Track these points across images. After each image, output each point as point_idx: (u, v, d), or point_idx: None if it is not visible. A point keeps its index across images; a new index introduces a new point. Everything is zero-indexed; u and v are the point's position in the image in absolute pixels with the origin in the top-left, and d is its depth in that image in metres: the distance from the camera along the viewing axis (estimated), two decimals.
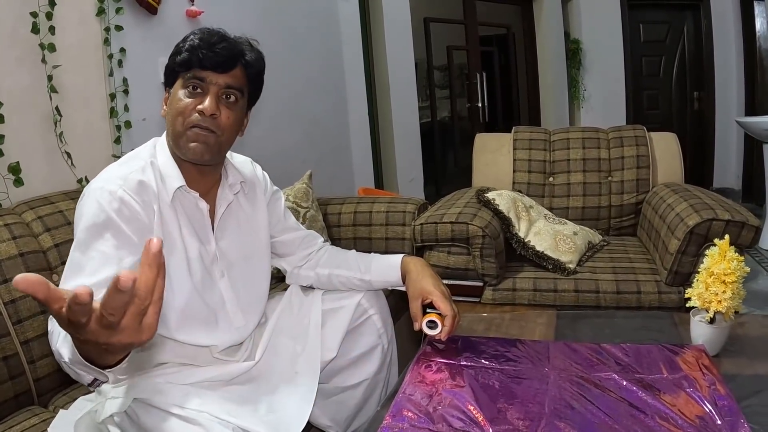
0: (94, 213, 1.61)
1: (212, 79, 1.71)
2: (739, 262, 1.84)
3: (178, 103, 1.72)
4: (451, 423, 1.58)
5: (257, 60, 1.83)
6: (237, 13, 3.63)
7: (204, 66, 1.69)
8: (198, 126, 1.70)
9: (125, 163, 1.78)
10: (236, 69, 1.75)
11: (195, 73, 1.70)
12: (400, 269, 2.09)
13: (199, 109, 1.69)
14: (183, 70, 1.72)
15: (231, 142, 1.82)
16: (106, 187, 1.65)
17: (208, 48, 1.69)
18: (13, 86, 2.46)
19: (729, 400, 1.59)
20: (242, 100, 1.81)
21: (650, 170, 3.58)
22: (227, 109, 1.74)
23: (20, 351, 2.03)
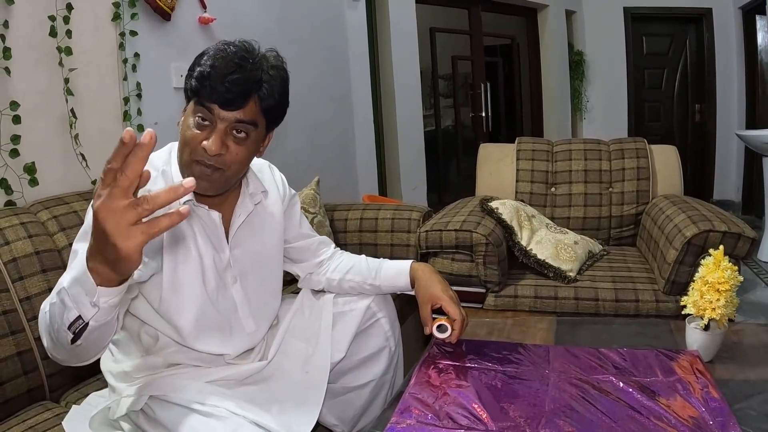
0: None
1: (219, 113, 1.60)
2: (732, 271, 1.90)
3: (186, 131, 1.64)
4: (456, 420, 1.63)
5: (275, 89, 1.69)
6: (248, 21, 3.67)
7: (212, 100, 1.58)
8: (202, 163, 1.62)
9: None
10: (248, 104, 1.63)
11: (204, 102, 1.59)
12: (409, 275, 2.13)
13: (204, 146, 1.60)
14: (193, 96, 1.63)
15: (239, 173, 1.75)
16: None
17: (217, 80, 1.57)
18: (31, 88, 2.51)
19: (721, 402, 1.64)
20: (256, 131, 1.68)
21: (650, 182, 3.63)
22: (236, 145, 1.64)
23: (34, 347, 2.08)
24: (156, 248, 1.69)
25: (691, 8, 8.08)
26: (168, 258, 1.72)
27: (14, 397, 2.02)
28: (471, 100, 7.18)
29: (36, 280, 2.11)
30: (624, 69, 8.33)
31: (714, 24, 7.99)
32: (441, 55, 6.71)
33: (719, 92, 8.04)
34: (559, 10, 7.85)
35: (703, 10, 8.01)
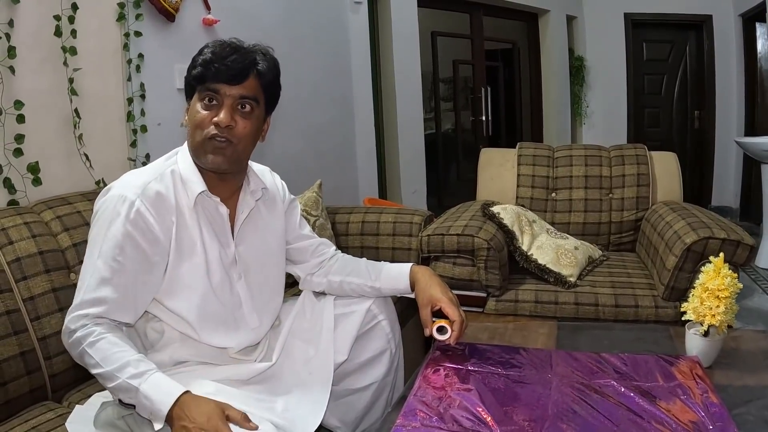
0: (113, 221, 1.70)
1: (226, 91, 1.77)
2: (732, 278, 1.92)
3: (195, 115, 1.79)
4: (461, 422, 1.64)
5: (270, 68, 1.87)
6: (251, 23, 3.69)
7: (217, 79, 1.76)
8: (215, 137, 1.76)
9: (145, 171, 1.85)
10: (249, 79, 1.80)
11: (209, 85, 1.77)
12: (409, 278, 2.15)
13: (215, 121, 1.75)
14: (198, 83, 1.79)
15: (249, 149, 1.88)
16: (127, 195, 1.73)
17: (220, 61, 1.75)
18: (35, 88, 2.52)
19: (720, 407, 1.66)
20: (258, 108, 1.85)
21: (650, 188, 3.64)
22: (243, 119, 1.80)
23: (37, 347, 2.08)
24: (164, 247, 1.78)
25: (691, 15, 8.10)
26: (174, 251, 1.80)
27: (17, 397, 2.02)
28: (471, 104, 7.20)
29: (39, 280, 2.11)
30: (624, 75, 8.35)
31: (714, 31, 8.01)
32: (442, 58, 6.72)
33: (719, 99, 8.06)
34: (560, 16, 7.87)
35: (703, 17, 8.03)
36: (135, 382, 1.54)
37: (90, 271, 1.69)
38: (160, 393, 1.54)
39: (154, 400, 1.52)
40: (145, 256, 1.73)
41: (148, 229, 1.72)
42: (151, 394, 1.53)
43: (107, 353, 1.60)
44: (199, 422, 1.47)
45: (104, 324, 1.66)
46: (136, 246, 1.71)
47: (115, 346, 1.61)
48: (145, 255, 1.73)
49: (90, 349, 1.60)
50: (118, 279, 1.68)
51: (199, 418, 1.48)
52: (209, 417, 1.48)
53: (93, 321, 1.65)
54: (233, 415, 1.54)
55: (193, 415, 1.49)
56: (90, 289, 1.67)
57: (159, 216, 1.75)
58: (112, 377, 1.56)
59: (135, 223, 1.70)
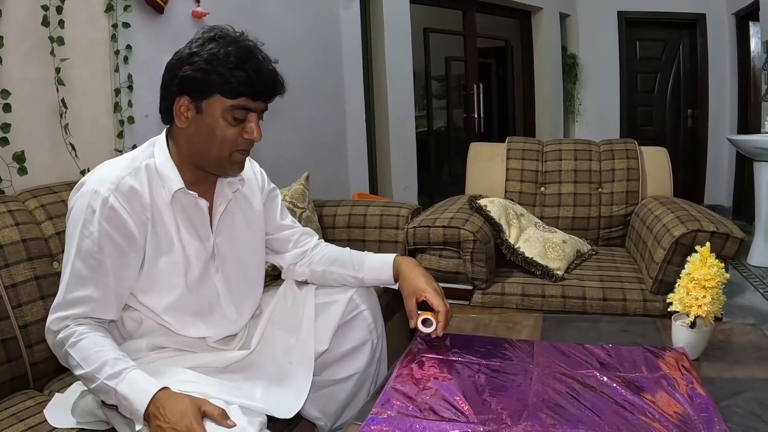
0: (89, 219, 1.66)
1: (257, 107, 1.76)
2: (719, 268, 1.91)
3: (222, 131, 1.72)
4: (438, 412, 1.63)
5: (283, 86, 1.85)
6: (240, 16, 3.67)
7: (256, 98, 1.73)
8: (242, 151, 1.79)
9: (119, 164, 1.78)
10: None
11: (246, 104, 1.72)
12: (393, 269, 2.13)
13: (248, 138, 1.76)
14: (229, 96, 1.69)
15: None
16: (100, 191, 1.67)
17: (261, 83, 1.72)
18: (22, 77, 2.50)
19: (706, 398, 1.65)
20: None
21: (640, 183, 3.64)
22: (258, 128, 1.79)
23: (19, 335, 2.06)
24: (139, 244, 1.75)
25: (685, 14, 8.12)
26: (150, 248, 1.77)
27: None
28: (464, 101, 7.20)
29: (22, 267, 2.10)
30: (617, 73, 8.37)
31: (707, 30, 8.03)
32: (434, 55, 6.72)
33: (712, 97, 8.08)
34: (553, 13, 7.88)
35: (696, 15, 8.06)
36: (112, 383, 1.52)
37: (69, 270, 1.67)
38: (136, 392, 1.52)
39: (132, 399, 1.51)
40: (123, 251, 1.70)
41: (123, 225, 1.69)
42: (128, 393, 1.51)
43: (87, 353, 1.58)
44: (173, 421, 1.46)
45: (86, 323, 1.65)
46: (113, 242, 1.67)
47: (95, 346, 1.60)
48: (122, 250, 1.70)
49: (72, 350, 1.59)
50: (97, 277, 1.67)
51: (172, 416, 1.46)
52: (183, 414, 1.47)
53: (75, 321, 1.64)
54: (210, 411, 1.52)
55: (167, 413, 1.47)
56: (70, 288, 1.66)
57: (133, 212, 1.71)
58: (92, 378, 1.55)
59: (109, 220, 1.66)
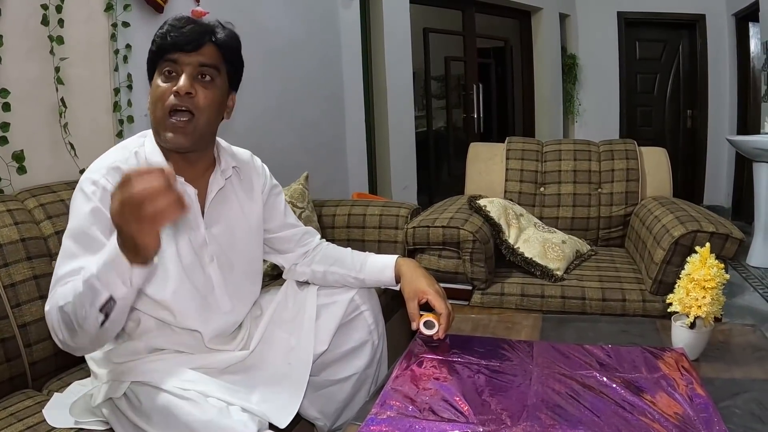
0: (81, 202, 1.67)
1: (184, 59, 1.72)
2: (719, 269, 1.91)
3: (155, 89, 1.74)
4: (437, 412, 1.63)
5: (230, 38, 1.83)
6: (240, 16, 3.66)
7: (175, 48, 1.71)
8: (176, 109, 1.71)
9: (111, 153, 1.81)
10: (207, 47, 1.75)
11: (167, 56, 1.72)
12: (394, 270, 2.13)
13: (174, 89, 1.70)
14: (157, 57, 1.75)
15: (213, 124, 1.83)
16: (91, 177, 1.69)
17: (176, 31, 1.71)
18: (22, 76, 2.50)
19: (706, 399, 1.65)
20: (219, 78, 1.80)
21: (639, 183, 3.64)
22: (204, 89, 1.74)
23: (17, 334, 2.06)
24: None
25: (684, 14, 8.12)
26: None
27: None
28: (463, 101, 7.20)
29: (20, 267, 2.10)
30: (617, 73, 8.38)
31: (707, 30, 8.04)
32: (434, 55, 6.72)
33: (711, 98, 8.09)
34: (552, 14, 7.88)
35: (696, 16, 8.06)
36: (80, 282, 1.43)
37: (61, 251, 1.66)
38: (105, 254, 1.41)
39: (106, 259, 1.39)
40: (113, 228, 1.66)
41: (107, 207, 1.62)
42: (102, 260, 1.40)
43: (71, 286, 1.49)
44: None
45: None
46: (105, 217, 1.61)
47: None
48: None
49: (62, 301, 1.49)
50: (90, 251, 1.60)
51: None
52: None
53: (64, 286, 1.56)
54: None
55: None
56: (61, 266, 1.62)
57: None
58: (82, 306, 1.42)
59: (102, 200, 1.65)
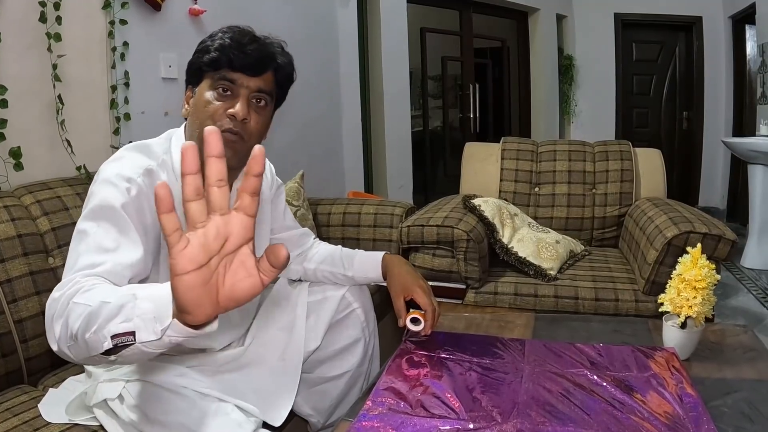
0: (111, 193, 1.54)
1: (243, 81, 1.66)
2: (710, 269, 1.92)
3: (206, 105, 1.66)
4: (428, 409, 1.64)
5: (288, 64, 1.80)
6: (238, 15, 3.67)
7: (234, 68, 1.65)
8: (229, 131, 1.64)
9: (140, 153, 1.70)
10: (268, 73, 1.72)
11: (225, 74, 1.65)
12: (381, 266, 2.15)
13: (230, 113, 1.64)
14: (211, 69, 1.67)
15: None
16: (123, 173, 1.58)
17: (239, 48, 1.65)
18: (19, 73, 2.50)
19: (695, 398, 1.66)
20: (271, 104, 1.78)
21: (633, 184, 3.66)
22: (257, 114, 1.70)
23: (13, 330, 2.07)
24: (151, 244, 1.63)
25: (681, 16, 8.13)
26: (163, 248, 1.66)
27: None
28: (460, 101, 7.21)
29: (17, 263, 2.10)
30: (613, 74, 8.39)
31: (704, 32, 8.05)
32: (431, 55, 6.72)
33: (707, 100, 8.11)
34: (550, 14, 7.89)
35: (693, 18, 8.07)
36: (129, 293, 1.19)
37: (85, 238, 1.49)
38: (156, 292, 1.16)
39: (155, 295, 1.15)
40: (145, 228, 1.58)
41: (141, 210, 1.58)
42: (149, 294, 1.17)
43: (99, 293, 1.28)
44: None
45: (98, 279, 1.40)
46: (137, 219, 1.55)
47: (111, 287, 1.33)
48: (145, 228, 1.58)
49: (79, 298, 1.28)
50: (122, 245, 1.50)
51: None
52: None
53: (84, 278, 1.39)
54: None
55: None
56: (86, 254, 1.46)
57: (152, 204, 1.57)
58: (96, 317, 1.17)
59: (137, 200, 1.56)
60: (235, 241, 0.95)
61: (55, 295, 1.35)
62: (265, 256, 0.97)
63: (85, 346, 1.19)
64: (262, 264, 0.97)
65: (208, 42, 1.70)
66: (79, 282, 1.35)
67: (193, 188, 0.91)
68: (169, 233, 0.91)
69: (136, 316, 1.12)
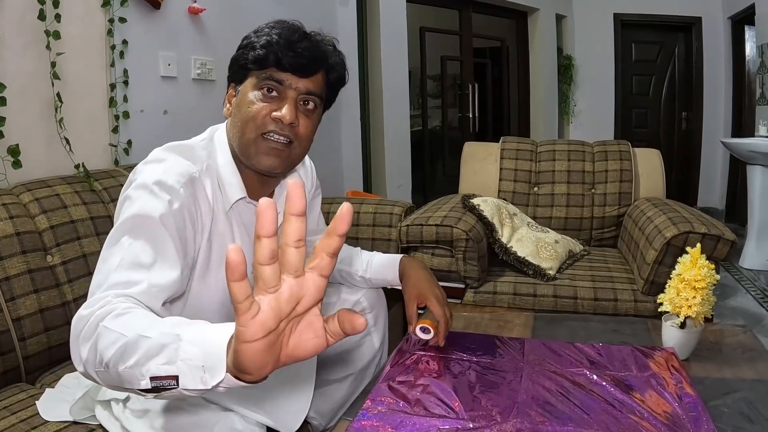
0: (150, 202, 1.43)
1: (292, 82, 1.56)
2: (709, 269, 1.92)
3: (249, 106, 1.56)
4: (428, 408, 1.64)
5: (341, 64, 1.70)
6: (238, 13, 3.67)
7: (283, 67, 1.54)
8: (273, 135, 1.55)
9: (182, 156, 1.58)
10: (318, 73, 1.61)
11: (272, 74, 1.55)
12: (398, 269, 2.09)
13: (276, 116, 1.54)
14: (257, 68, 1.57)
15: (305, 153, 1.69)
16: (164, 180, 1.47)
17: (288, 47, 1.54)
18: (18, 71, 2.50)
19: (695, 398, 1.66)
20: (320, 107, 1.67)
21: (633, 184, 3.66)
22: (305, 118, 1.60)
23: (12, 328, 2.06)
24: (191, 254, 1.54)
25: (680, 17, 8.13)
26: (201, 260, 1.60)
27: None
28: (459, 100, 7.21)
29: (15, 261, 2.10)
30: (612, 75, 8.40)
31: (703, 33, 8.05)
32: (430, 55, 6.74)
33: (706, 101, 8.11)
34: (549, 14, 7.89)
35: (692, 19, 8.07)
36: (174, 331, 1.05)
37: (117, 252, 1.37)
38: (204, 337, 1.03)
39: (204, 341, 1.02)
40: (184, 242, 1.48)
41: (183, 227, 1.48)
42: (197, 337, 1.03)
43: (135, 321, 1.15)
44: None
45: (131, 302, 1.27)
46: (176, 235, 1.44)
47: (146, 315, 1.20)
48: (184, 241, 1.48)
49: (111, 324, 1.15)
50: (158, 263, 1.39)
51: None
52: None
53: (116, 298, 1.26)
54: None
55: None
56: (119, 269, 1.34)
57: (197, 212, 1.53)
58: (133, 351, 1.05)
59: (179, 213, 1.46)
60: (306, 303, 0.89)
61: (83, 312, 1.22)
62: (338, 320, 0.90)
63: (118, 378, 1.08)
64: (331, 326, 0.91)
65: (253, 37, 1.61)
66: (112, 302, 1.22)
67: (268, 252, 0.82)
68: (240, 301, 0.83)
69: (180, 359, 1.00)
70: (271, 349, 0.88)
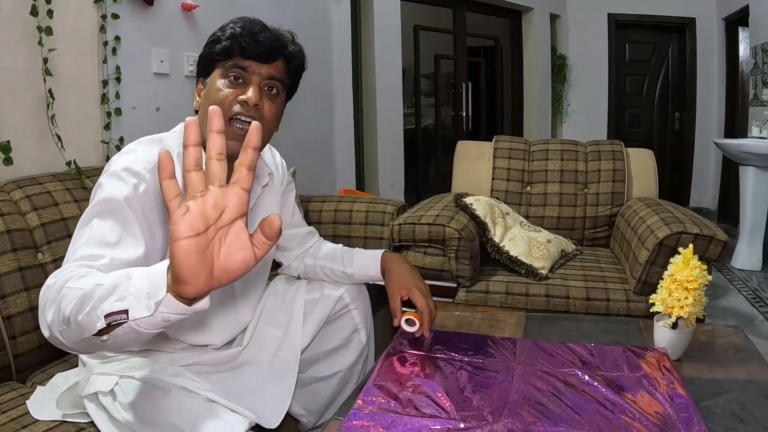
0: (117, 186, 1.53)
1: (255, 68, 1.67)
2: (701, 270, 1.92)
3: (217, 93, 1.66)
4: (419, 408, 1.64)
5: (299, 53, 1.83)
6: (231, 10, 3.63)
7: (247, 55, 1.67)
8: (239, 117, 1.63)
9: (152, 146, 1.69)
10: (279, 60, 1.73)
11: (237, 62, 1.67)
12: (380, 264, 2.12)
13: (241, 99, 1.64)
14: (223, 58, 1.69)
15: (270, 137, 1.77)
16: (132, 167, 1.56)
17: (250, 36, 1.67)
18: (9, 67, 2.49)
19: (686, 398, 1.66)
20: (283, 93, 1.78)
21: (625, 184, 3.66)
22: (269, 102, 1.70)
23: (2, 326, 2.05)
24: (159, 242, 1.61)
25: (674, 17, 8.15)
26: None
27: None
28: (452, 99, 7.21)
29: (6, 258, 2.09)
30: (606, 75, 8.40)
31: (697, 34, 8.07)
32: (424, 53, 6.73)
33: (699, 101, 8.14)
34: (543, 14, 7.89)
35: (686, 19, 8.09)
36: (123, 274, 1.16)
37: (86, 232, 1.48)
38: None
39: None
40: (138, 231, 1.52)
41: (150, 209, 1.56)
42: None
43: (93, 277, 1.26)
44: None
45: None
46: (142, 216, 1.53)
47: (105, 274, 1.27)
48: (138, 231, 1.52)
49: (73, 283, 1.25)
50: (123, 241, 1.48)
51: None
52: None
53: (80, 269, 1.35)
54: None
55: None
56: (86, 246, 1.44)
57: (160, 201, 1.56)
58: (91, 298, 1.14)
59: (144, 197, 1.54)
60: (231, 213, 1.01)
61: (49, 282, 1.32)
62: (259, 227, 1.02)
63: (78, 329, 1.17)
64: (256, 238, 1.03)
65: (218, 33, 1.73)
66: (74, 270, 1.33)
67: (193, 159, 0.99)
68: (170, 199, 0.97)
69: (129, 294, 1.11)
70: (202, 254, 1.00)
